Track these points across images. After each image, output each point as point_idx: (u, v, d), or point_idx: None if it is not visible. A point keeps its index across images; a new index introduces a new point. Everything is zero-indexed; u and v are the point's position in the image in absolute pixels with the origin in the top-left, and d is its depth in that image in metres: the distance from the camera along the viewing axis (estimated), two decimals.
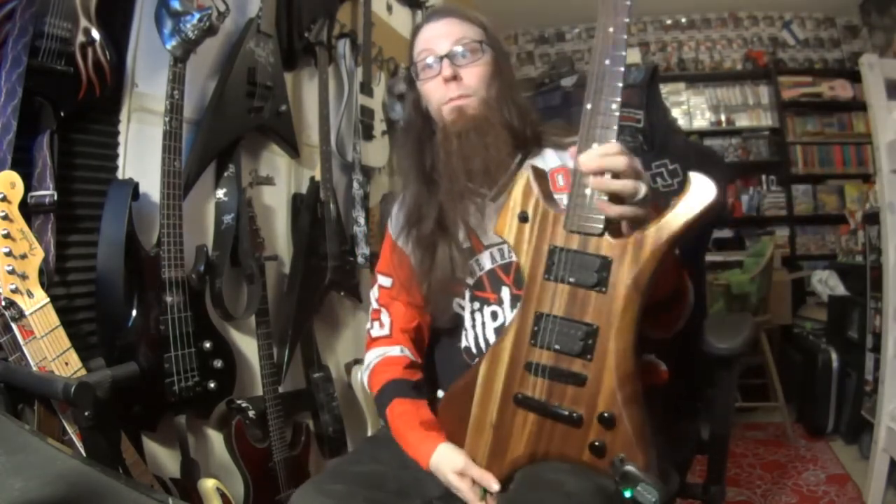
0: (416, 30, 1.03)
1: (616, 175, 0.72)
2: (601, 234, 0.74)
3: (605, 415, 0.74)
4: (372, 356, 1.07)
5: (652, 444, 0.75)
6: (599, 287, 0.74)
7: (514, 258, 0.93)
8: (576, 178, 0.75)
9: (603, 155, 0.72)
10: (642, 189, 0.72)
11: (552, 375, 0.77)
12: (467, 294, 0.98)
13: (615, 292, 0.74)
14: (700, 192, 0.70)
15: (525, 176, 0.81)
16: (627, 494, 0.71)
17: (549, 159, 0.99)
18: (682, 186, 1.08)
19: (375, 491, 0.84)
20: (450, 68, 0.95)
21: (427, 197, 1.00)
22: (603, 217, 0.73)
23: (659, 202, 0.78)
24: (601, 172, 0.72)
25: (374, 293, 1.11)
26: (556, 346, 0.76)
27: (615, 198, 0.72)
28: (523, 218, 0.79)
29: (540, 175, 0.82)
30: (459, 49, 0.95)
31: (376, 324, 1.09)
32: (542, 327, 0.77)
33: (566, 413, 0.76)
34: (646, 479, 0.71)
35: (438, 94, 0.97)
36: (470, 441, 0.85)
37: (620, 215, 0.72)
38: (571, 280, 0.75)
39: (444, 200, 0.98)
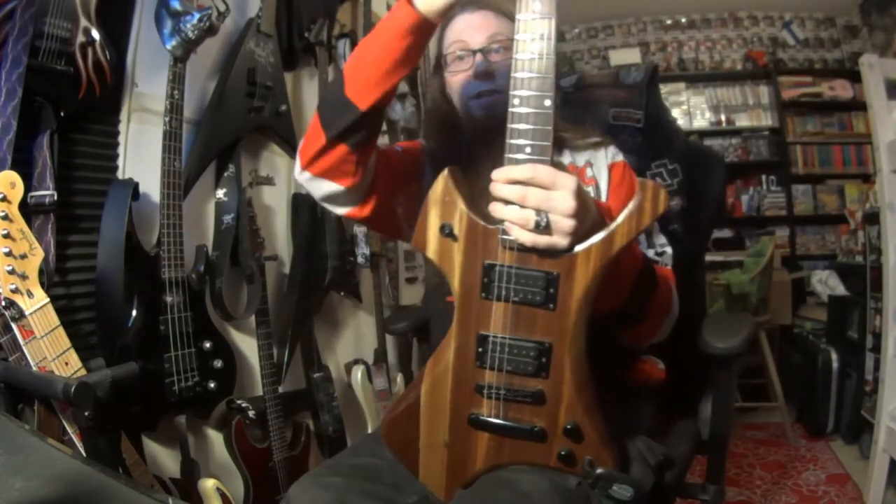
0: (448, 18, 0.97)
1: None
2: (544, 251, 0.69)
3: (569, 427, 0.73)
4: None
5: (615, 441, 0.74)
6: (547, 304, 0.70)
7: None
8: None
9: (502, 179, 0.69)
10: (534, 221, 0.67)
11: (508, 396, 0.74)
12: None
13: (565, 308, 0.70)
14: (649, 198, 0.67)
15: (443, 180, 0.73)
16: (606, 496, 0.71)
17: (566, 161, 0.99)
18: (682, 186, 1.08)
19: (372, 484, 0.84)
20: (483, 64, 0.92)
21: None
22: None
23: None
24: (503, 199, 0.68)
25: None
26: (509, 368, 0.73)
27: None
28: (447, 232, 0.72)
29: (458, 179, 0.74)
30: (494, 45, 0.93)
31: None
32: (487, 349, 0.73)
33: (528, 429, 0.74)
34: (619, 478, 0.72)
35: (468, 89, 0.94)
36: (424, 461, 0.82)
37: (532, 244, 0.68)
38: (515, 299, 0.70)
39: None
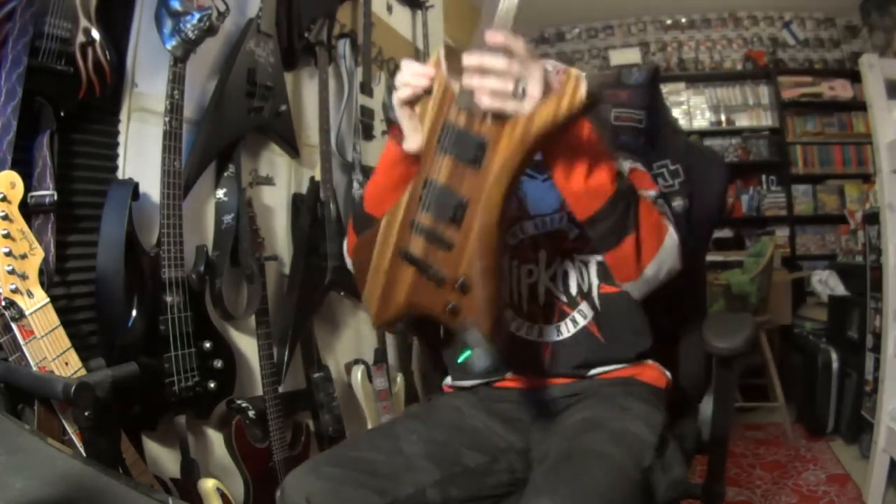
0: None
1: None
2: (484, 117, 0.78)
3: (461, 280, 0.81)
4: None
5: (500, 318, 0.82)
6: (474, 164, 0.80)
7: (554, 227, 1.04)
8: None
9: (487, 62, 0.76)
10: (515, 87, 0.76)
11: (428, 237, 0.83)
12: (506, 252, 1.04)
13: (487, 171, 0.79)
14: (573, 88, 0.74)
15: (437, 52, 0.85)
16: (465, 355, 0.81)
17: None
18: (683, 187, 1.09)
19: (368, 476, 0.85)
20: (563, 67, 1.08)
21: None
22: None
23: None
24: (482, 70, 0.76)
25: None
26: (434, 211, 0.83)
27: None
28: (427, 91, 0.84)
29: (452, 54, 0.84)
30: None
31: None
32: (426, 192, 0.83)
33: (434, 272, 0.83)
34: (483, 345, 0.79)
35: None
36: (369, 281, 0.90)
37: (489, 109, 0.77)
38: (453, 154, 0.81)
39: None
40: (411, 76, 0.86)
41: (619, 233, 0.89)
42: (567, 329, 1.01)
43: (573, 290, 1.02)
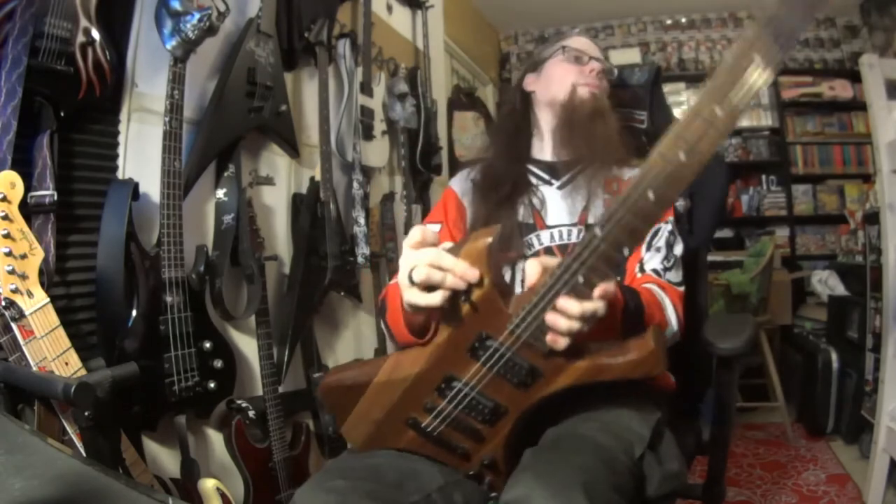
0: (562, 34, 1.24)
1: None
2: (545, 352, 0.74)
3: (486, 460, 0.84)
4: None
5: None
6: (522, 387, 0.78)
7: (572, 240, 1.05)
8: (539, 293, 0.72)
9: (588, 311, 0.71)
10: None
11: (452, 424, 0.82)
12: (522, 262, 1.05)
13: (533, 395, 0.78)
14: (648, 361, 0.73)
15: (477, 251, 0.73)
16: None
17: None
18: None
19: (375, 484, 0.84)
20: (602, 68, 1.15)
21: (506, 168, 1.12)
22: None
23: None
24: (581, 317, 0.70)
25: None
26: (464, 409, 0.81)
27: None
28: (465, 299, 0.75)
29: (493, 251, 0.75)
30: (605, 66, 1.17)
31: None
32: (451, 388, 0.80)
33: (454, 446, 0.84)
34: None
35: (575, 76, 1.13)
36: (353, 421, 0.89)
37: (559, 348, 0.74)
38: (498, 371, 0.77)
39: (516, 175, 1.10)
40: (438, 274, 0.73)
41: None
42: None
43: None
